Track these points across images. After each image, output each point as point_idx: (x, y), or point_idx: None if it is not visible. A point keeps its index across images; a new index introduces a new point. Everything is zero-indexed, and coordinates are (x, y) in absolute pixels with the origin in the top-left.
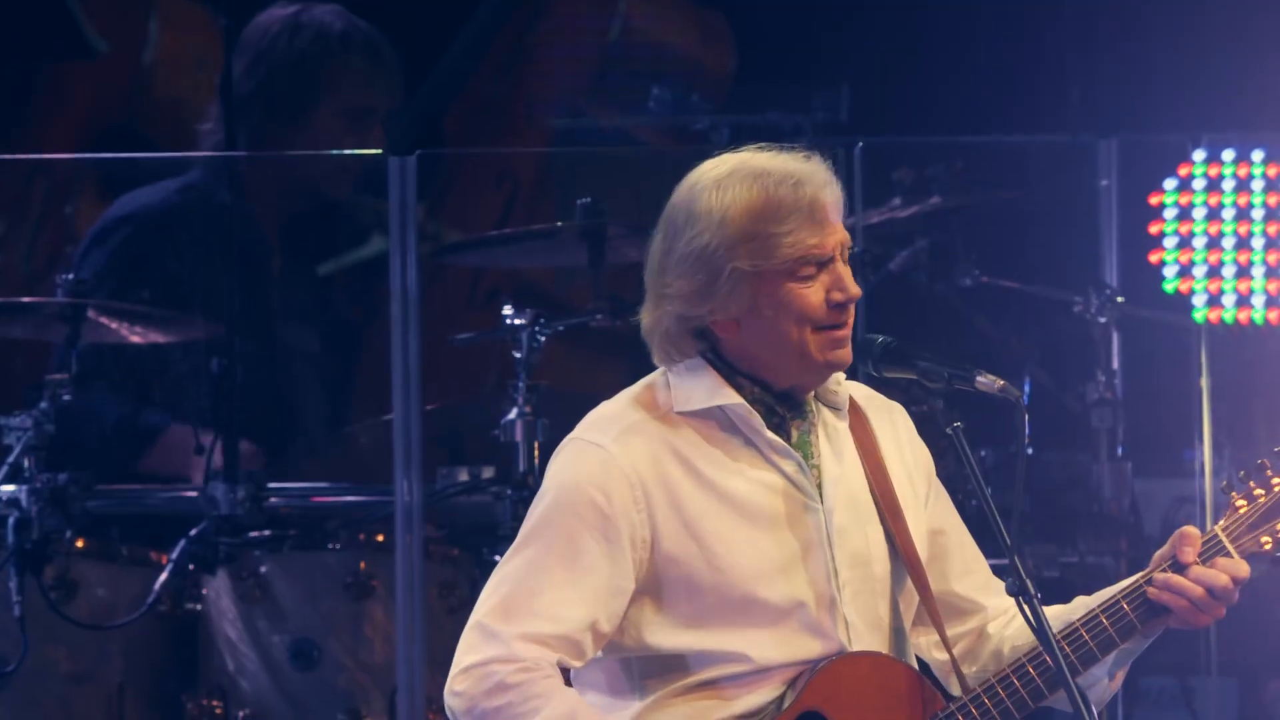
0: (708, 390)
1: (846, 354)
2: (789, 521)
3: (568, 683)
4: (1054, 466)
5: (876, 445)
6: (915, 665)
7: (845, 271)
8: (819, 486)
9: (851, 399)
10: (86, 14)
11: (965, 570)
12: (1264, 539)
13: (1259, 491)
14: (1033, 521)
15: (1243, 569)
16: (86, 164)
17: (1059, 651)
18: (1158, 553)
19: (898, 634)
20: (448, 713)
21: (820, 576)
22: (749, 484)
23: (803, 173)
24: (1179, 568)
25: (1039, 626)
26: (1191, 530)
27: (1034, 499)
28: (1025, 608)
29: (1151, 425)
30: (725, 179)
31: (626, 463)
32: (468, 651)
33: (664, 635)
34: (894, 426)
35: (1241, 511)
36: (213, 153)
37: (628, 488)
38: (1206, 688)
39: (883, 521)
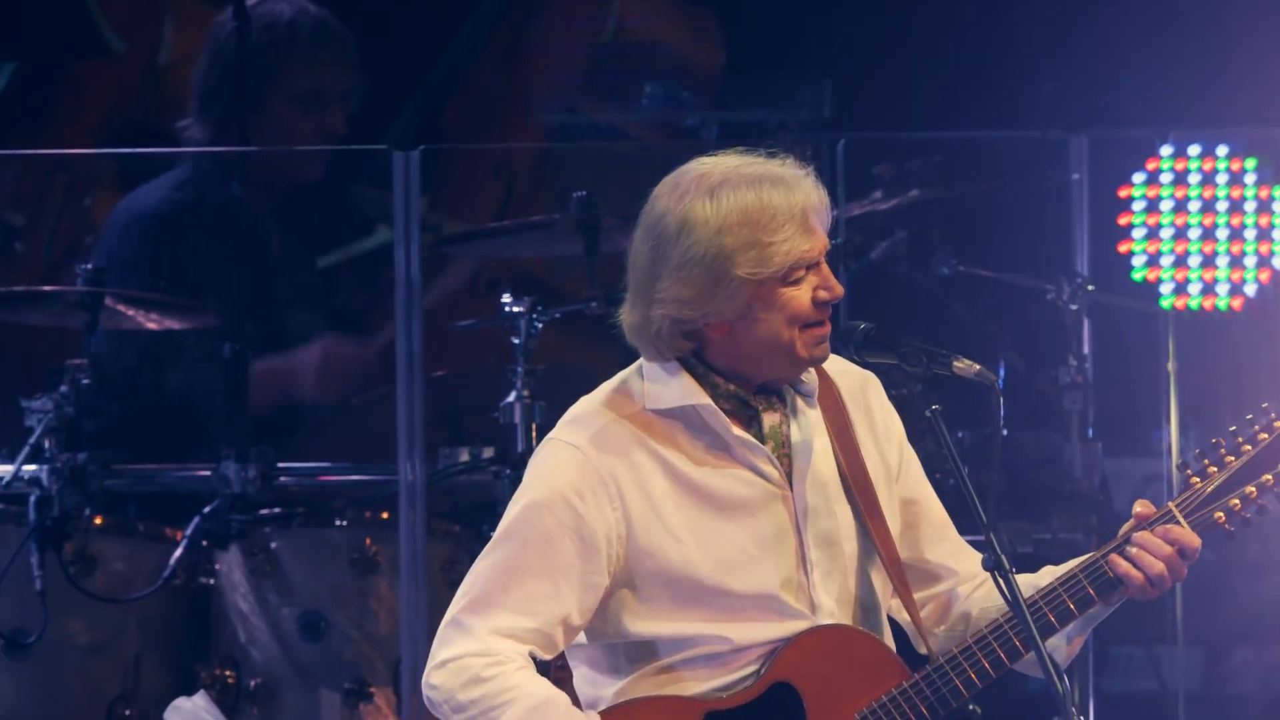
0: (679, 391)
1: (827, 349)
2: (759, 511)
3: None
4: (1028, 447)
5: (849, 423)
6: (886, 635)
7: (828, 271)
8: (789, 474)
9: (826, 372)
10: (106, 16)
11: (937, 537)
12: (1217, 514)
13: (1213, 469)
14: (1007, 499)
15: (1191, 539)
16: (104, 158)
17: (1031, 622)
18: (1121, 530)
19: (868, 608)
20: (426, 704)
21: (790, 563)
22: (719, 478)
23: (792, 180)
24: (1129, 538)
25: (1014, 599)
26: (1146, 508)
27: (1009, 478)
28: (1001, 581)
29: (1121, 407)
30: (719, 188)
31: (600, 462)
32: (443, 646)
33: (642, 623)
34: (865, 396)
35: (1196, 487)
36: (221, 148)
37: (601, 486)
38: (1173, 656)
39: (852, 500)
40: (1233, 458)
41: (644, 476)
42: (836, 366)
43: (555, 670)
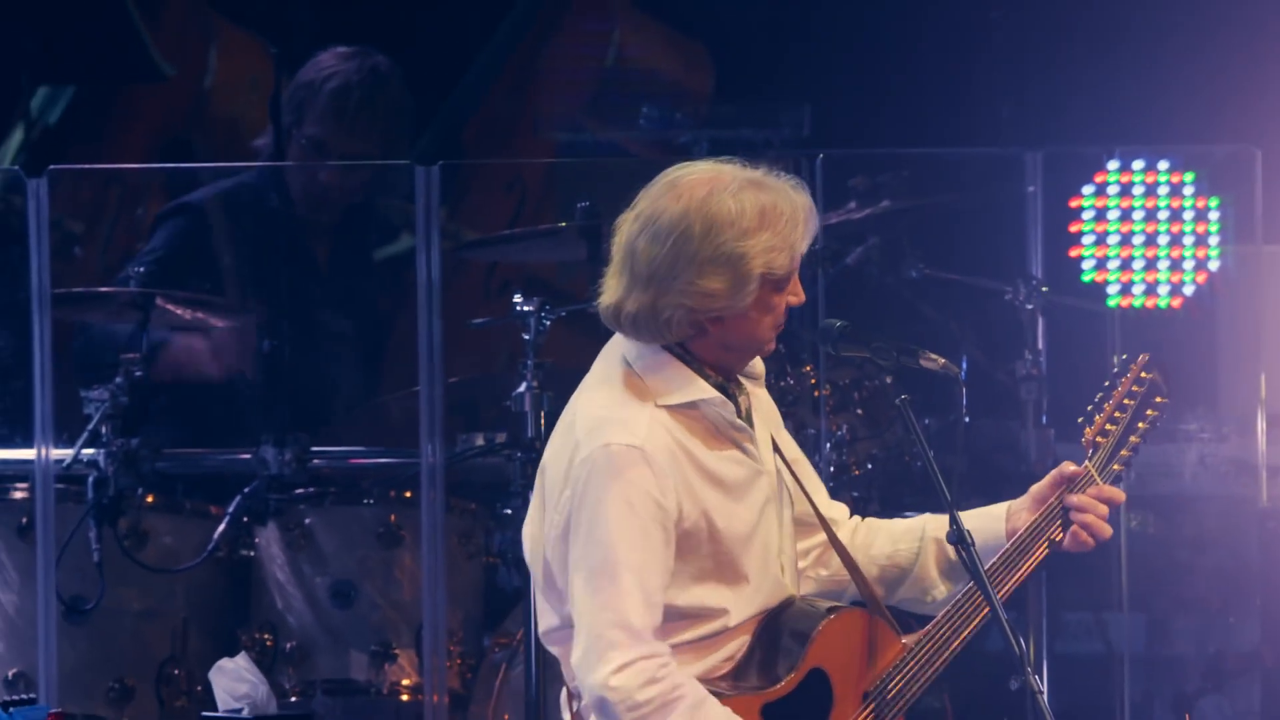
0: (682, 384)
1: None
2: (750, 488)
3: None
4: (987, 433)
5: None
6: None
7: (796, 279)
8: (759, 454)
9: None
10: (156, 43)
11: (815, 491)
12: (1115, 465)
13: (1110, 428)
14: (969, 480)
15: (1120, 496)
16: (154, 172)
17: (991, 590)
18: (1035, 486)
19: (793, 564)
20: (595, 707)
21: (773, 529)
22: (722, 462)
23: (797, 197)
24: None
25: (974, 570)
26: (1069, 467)
27: (970, 460)
28: (963, 553)
29: (1071, 397)
30: (740, 192)
31: (659, 457)
32: (614, 648)
33: (673, 593)
34: (760, 378)
35: (1101, 444)
36: (259, 163)
37: (665, 479)
38: (1119, 622)
39: (787, 466)
40: (1120, 414)
41: (681, 466)
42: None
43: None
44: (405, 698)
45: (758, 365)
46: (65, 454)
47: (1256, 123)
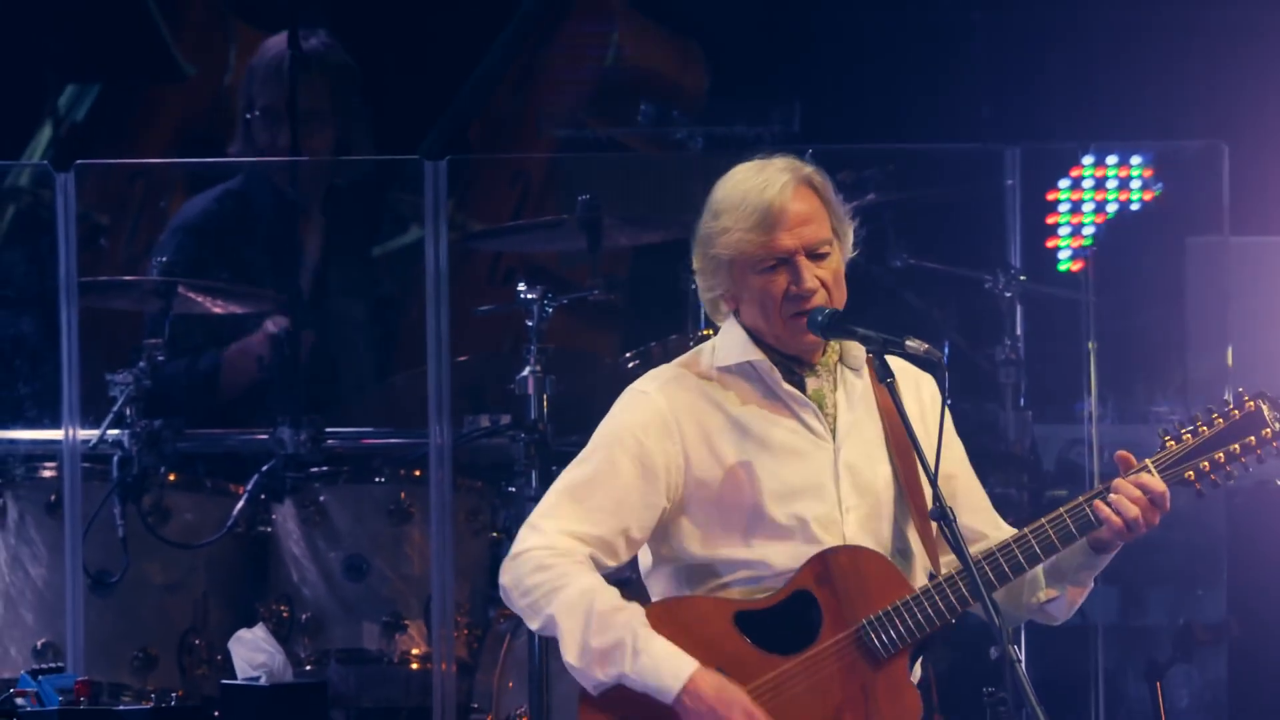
0: (740, 348)
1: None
2: (802, 456)
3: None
4: (968, 414)
5: (902, 403)
6: (918, 582)
7: (807, 267)
8: (834, 430)
9: (889, 366)
10: (178, 44)
11: (973, 507)
12: (1187, 473)
13: (1187, 436)
14: None
15: (1159, 485)
16: (176, 167)
17: (978, 567)
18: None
19: (901, 554)
20: (500, 592)
21: (829, 503)
22: (770, 425)
23: (771, 181)
24: (1108, 485)
25: (955, 542)
26: (1127, 457)
27: None
28: (945, 529)
29: (1048, 380)
30: (727, 180)
31: (665, 405)
32: (518, 542)
33: (697, 545)
34: (918, 389)
35: (1171, 448)
36: (273, 158)
37: (664, 425)
38: (1093, 594)
39: (892, 462)
40: (1205, 428)
41: (705, 419)
42: (898, 365)
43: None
44: (415, 666)
45: (858, 355)
46: (91, 435)
47: (1224, 120)
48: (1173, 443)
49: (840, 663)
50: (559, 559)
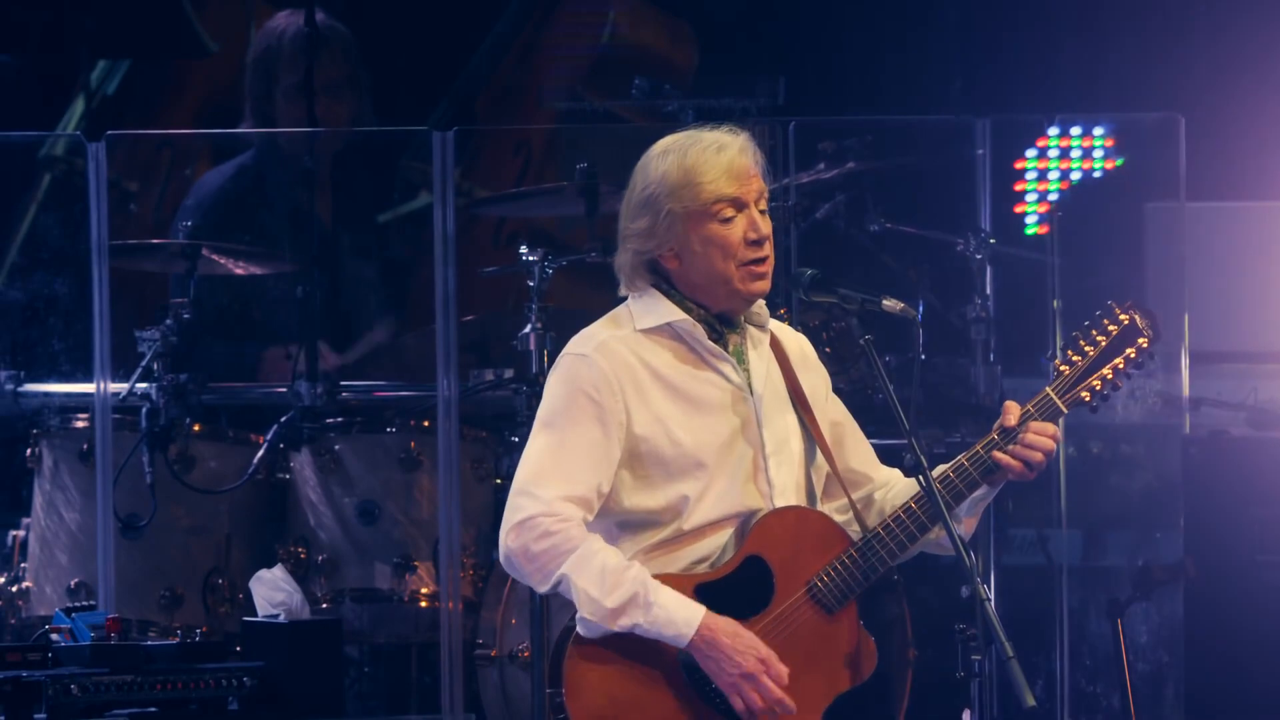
0: (662, 311)
1: (765, 285)
2: (728, 409)
3: None
4: (941, 369)
5: (790, 360)
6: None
7: (760, 217)
8: (749, 384)
9: (773, 331)
10: (202, 22)
11: (858, 451)
12: (1083, 393)
13: (1076, 358)
14: (925, 411)
15: (1049, 429)
16: (201, 137)
17: (942, 503)
18: (996, 423)
19: (811, 496)
20: (502, 560)
21: (753, 449)
22: (695, 381)
23: (725, 141)
24: (1005, 432)
25: (929, 489)
26: (1012, 404)
27: (926, 394)
28: (921, 477)
29: (1016, 337)
30: (670, 147)
31: (604, 365)
32: (517, 511)
33: (637, 497)
34: (801, 351)
35: (1065, 373)
36: (291, 129)
37: (606, 384)
38: (1059, 536)
39: (797, 411)
40: (1090, 347)
41: (637, 377)
42: (781, 328)
43: None
44: (424, 604)
45: (762, 313)
46: (121, 388)
47: (1181, 93)
48: (1065, 368)
49: (799, 619)
50: (562, 524)
